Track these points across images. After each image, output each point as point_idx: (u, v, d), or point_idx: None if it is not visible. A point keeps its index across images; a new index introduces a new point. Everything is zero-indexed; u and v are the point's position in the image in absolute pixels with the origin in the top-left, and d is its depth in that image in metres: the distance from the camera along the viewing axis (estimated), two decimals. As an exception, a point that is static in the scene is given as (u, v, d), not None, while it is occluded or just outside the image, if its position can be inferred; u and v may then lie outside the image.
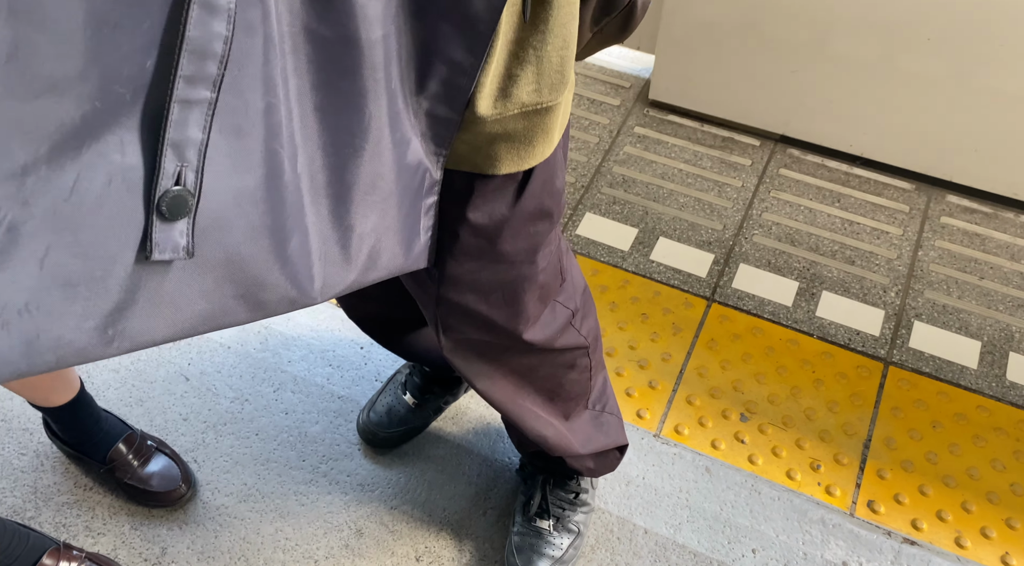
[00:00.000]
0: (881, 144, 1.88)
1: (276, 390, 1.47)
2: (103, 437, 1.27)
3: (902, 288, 1.69)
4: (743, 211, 1.84)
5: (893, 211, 1.84)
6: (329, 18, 0.53)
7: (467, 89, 0.63)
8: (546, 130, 0.73)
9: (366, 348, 1.55)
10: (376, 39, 0.55)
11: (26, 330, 0.48)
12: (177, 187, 0.49)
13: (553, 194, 0.80)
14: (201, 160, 0.49)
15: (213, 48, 0.46)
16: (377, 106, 0.59)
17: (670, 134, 2.02)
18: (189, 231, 0.51)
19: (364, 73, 0.56)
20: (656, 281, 1.70)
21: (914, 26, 1.67)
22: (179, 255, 0.51)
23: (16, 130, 0.42)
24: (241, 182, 0.52)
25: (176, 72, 0.46)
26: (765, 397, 1.50)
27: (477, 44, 0.60)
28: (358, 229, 0.63)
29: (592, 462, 1.17)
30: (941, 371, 1.54)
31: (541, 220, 0.81)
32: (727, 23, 1.84)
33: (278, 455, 1.38)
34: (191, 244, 0.51)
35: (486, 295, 0.84)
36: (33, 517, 1.28)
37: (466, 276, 0.82)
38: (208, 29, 0.46)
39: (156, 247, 0.50)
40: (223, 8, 0.45)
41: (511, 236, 0.79)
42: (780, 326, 1.62)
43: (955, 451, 1.42)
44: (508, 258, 0.82)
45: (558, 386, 1.05)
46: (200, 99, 0.47)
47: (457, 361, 0.95)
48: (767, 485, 1.36)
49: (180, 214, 0.50)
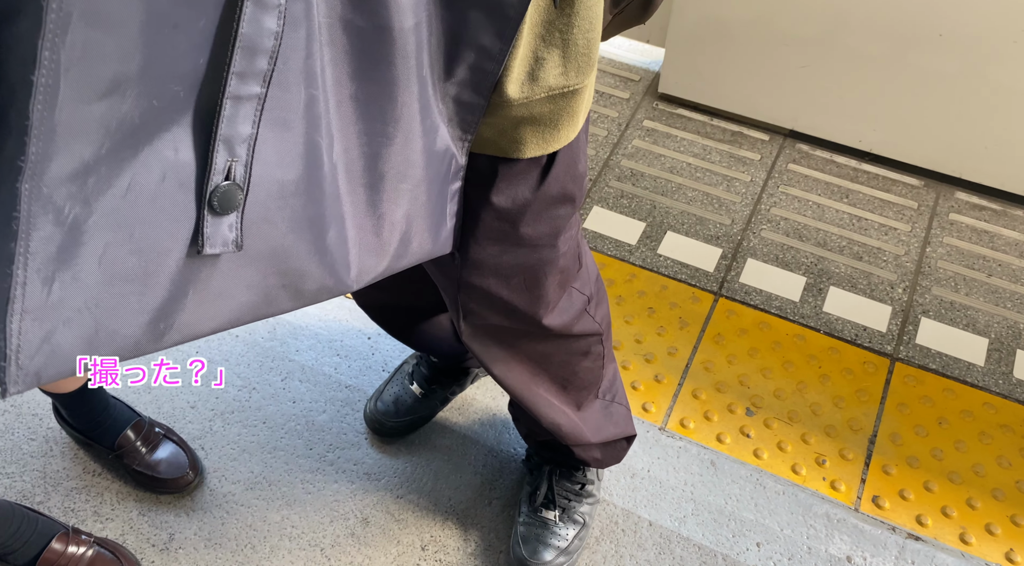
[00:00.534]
0: (890, 140, 1.88)
1: (284, 379, 1.47)
2: (112, 424, 1.28)
3: (910, 284, 1.69)
4: (751, 206, 1.84)
5: (901, 207, 1.84)
6: (364, 8, 0.53)
7: (495, 74, 0.63)
8: (572, 113, 0.73)
9: (373, 338, 1.55)
10: (409, 27, 0.56)
11: (86, 326, 0.49)
12: (227, 182, 0.50)
13: (575, 178, 0.81)
14: (250, 154, 0.50)
15: (264, 44, 0.47)
16: (409, 94, 0.59)
17: (679, 128, 2.02)
18: (238, 225, 0.52)
19: (397, 62, 0.57)
20: (663, 275, 1.70)
21: (925, 22, 1.66)
22: (229, 248, 0.52)
23: (81, 131, 0.43)
24: (285, 174, 0.53)
25: (229, 69, 0.47)
26: (771, 392, 1.50)
27: (506, 29, 0.60)
28: (390, 217, 0.64)
29: (599, 452, 1.18)
30: (948, 368, 1.54)
31: (563, 204, 0.82)
32: (737, 17, 1.84)
33: (285, 443, 1.38)
34: (240, 237, 0.52)
35: (508, 279, 0.85)
36: (42, 502, 1.29)
37: (489, 260, 0.83)
38: (260, 25, 0.46)
39: (207, 241, 0.51)
40: (274, 4, 0.46)
41: (533, 220, 0.80)
42: (787, 321, 1.62)
43: (961, 448, 1.42)
44: (530, 242, 0.82)
45: (572, 374, 1.05)
46: (251, 95, 0.48)
47: (476, 346, 0.96)
48: (772, 479, 1.37)
49: (230, 208, 0.51)
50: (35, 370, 0.49)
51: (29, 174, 0.43)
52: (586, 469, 1.27)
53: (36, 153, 0.43)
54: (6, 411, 1.40)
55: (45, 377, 0.49)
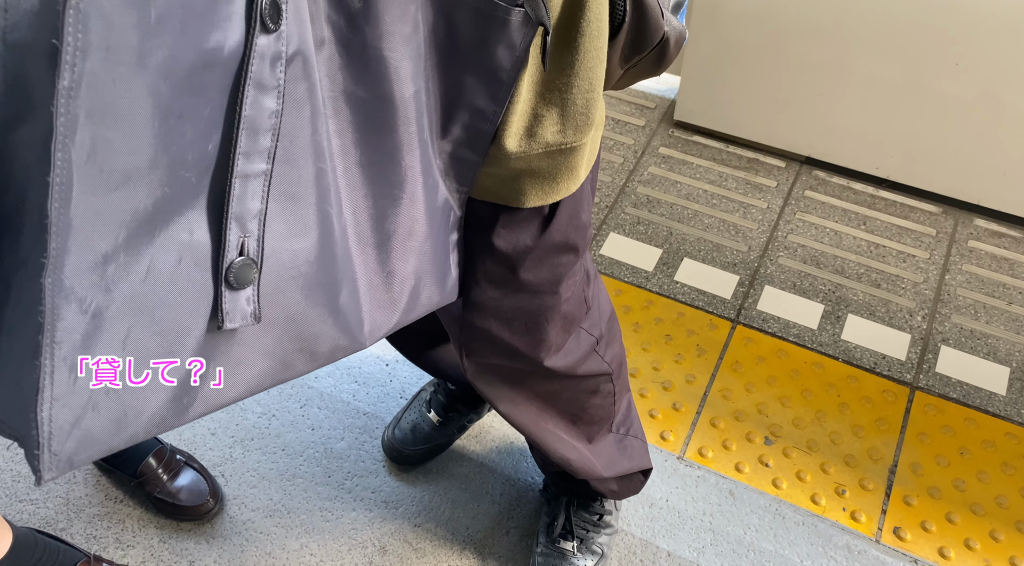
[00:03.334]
0: (908, 167, 1.88)
1: (303, 406, 1.48)
2: (134, 451, 1.29)
3: (929, 312, 1.68)
4: (768, 232, 1.84)
5: (920, 234, 1.83)
6: (366, 81, 0.56)
7: (489, 134, 0.65)
8: (571, 168, 0.74)
9: (391, 365, 1.56)
10: (409, 95, 0.58)
11: (114, 409, 0.51)
12: (241, 258, 0.52)
13: (579, 228, 0.82)
14: (261, 229, 0.52)
15: (266, 123, 0.49)
16: (412, 157, 0.61)
17: (695, 155, 2.03)
18: (255, 297, 0.53)
19: (399, 128, 0.59)
20: (680, 302, 1.70)
21: (942, 51, 1.67)
22: (248, 321, 0.54)
23: (96, 223, 0.45)
24: (297, 244, 0.54)
25: (235, 150, 0.49)
26: (790, 420, 1.50)
27: (500, 92, 0.62)
28: (400, 273, 0.66)
29: (616, 485, 1.18)
30: (969, 397, 1.53)
31: (565, 253, 0.82)
32: (753, 45, 1.85)
33: (304, 471, 1.39)
34: (258, 309, 0.54)
35: (508, 322, 0.86)
36: (65, 528, 1.30)
37: (489, 303, 0.83)
38: (261, 106, 0.48)
39: (227, 316, 0.52)
40: (273, 86, 0.48)
41: (534, 266, 0.81)
42: (805, 349, 1.61)
43: (983, 479, 1.41)
44: (531, 288, 0.83)
45: (581, 410, 1.05)
46: (257, 172, 0.50)
47: (480, 384, 0.96)
48: (791, 509, 1.36)
49: (246, 282, 0.52)
50: (67, 455, 0.50)
51: (51, 269, 0.44)
52: (604, 500, 1.26)
53: (56, 248, 0.44)
54: (30, 437, 1.42)
55: (77, 461, 0.50)
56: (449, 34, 0.59)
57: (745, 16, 1.82)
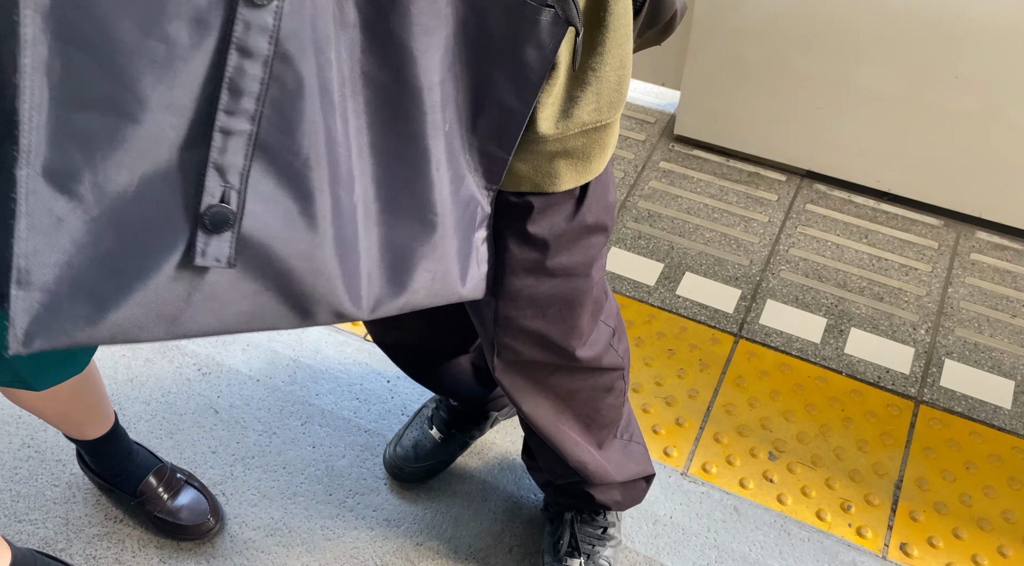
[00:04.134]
0: (909, 180, 1.88)
1: (304, 423, 1.48)
2: (135, 470, 1.29)
3: (932, 326, 1.67)
4: (770, 246, 1.84)
5: (922, 247, 1.83)
6: (388, 65, 0.57)
7: (517, 132, 0.66)
8: (603, 145, 0.75)
9: (392, 382, 1.56)
10: (433, 84, 0.59)
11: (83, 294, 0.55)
12: (221, 204, 0.55)
13: (607, 208, 0.83)
14: (244, 184, 0.55)
15: (250, 87, 0.52)
16: (435, 144, 0.62)
17: (695, 169, 2.03)
18: (232, 244, 0.56)
19: (420, 115, 0.60)
20: (682, 316, 1.70)
21: (942, 64, 1.67)
22: (220, 264, 0.57)
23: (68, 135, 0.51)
24: (288, 207, 0.57)
25: (217, 105, 0.52)
26: (794, 435, 1.49)
27: (528, 92, 0.63)
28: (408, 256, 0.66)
29: (620, 494, 1.17)
30: (974, 411, 1.52)
31: (596, 233, 0.83)
32: (752, 58, 1.86)
33: (305, 489, 1.38)
34: (232, 256, 0.57)
35: (544, 310, 0.86)
36: (64, 549, 1.29)
37: (524, 291, 0.84)
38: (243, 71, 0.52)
39: (199, 254, 0.56)
40: (260, 54, 0.52)
41: (568, 250, 0.82)
42: (808, 363, 1.60)
43: (990, 493, 1.40)
44: (565, 272, 0.84)
45: (595, 411, 1.05)
46: (240, 130, 0.53)
47: (506, 382, 0.96)
48: (797, 525, 1.34)
49: (222, 227, 0.55)
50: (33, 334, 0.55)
51: (23, 162, 0.50)
52: (607, 512, 1.25)
53: (27, 145, 0.50)
54: (30, 457, 1.41)
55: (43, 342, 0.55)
56: (480, 30, 0.60)
57: (745, 30, 1.82)
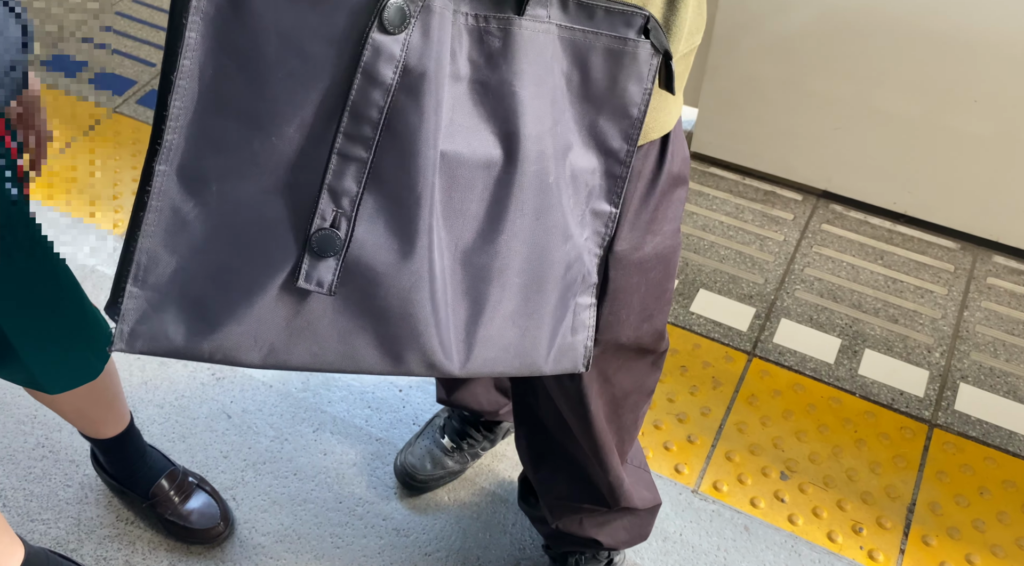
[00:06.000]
0: (926, 202, 1.87)
1: (315, 430, 1.48)
2: (147, 472, 1.29)
3: (947, 349, 1.66)
4: (785, 265, 1.84)
5: (938, 270, 1.82)
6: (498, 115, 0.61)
7: (623, 178, 0.68)
8: (682, 80, 0.77)
9: (404, 391, 1.56)
10: (536, 134, 0.62)
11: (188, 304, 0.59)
12: (329, 228, 0.57)
13: (685, 160, 0.84)
14: (355, 210, 0.57)
15: (370, 114, 0.55)
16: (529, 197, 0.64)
17: (712, 186, 2.03)
18: (336, 271, 0.58)
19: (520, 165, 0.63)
20: (696, 333, 1.69)
21: (961, 87, 1.67)
22: (322, 290, 0.58)
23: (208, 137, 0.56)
24: (392, 244, 0.58)
25: (338, 129, 0.55)
26: (806, 455, 1.48)
27: (632, 129, 0.66)
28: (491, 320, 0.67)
29: (626, 533, 1.14)
30: (989, 436, 1.51)
31: (680, 185, 0.84)
32: (771, 78, 1.86)
33: (315, 496, 1.39)
34: (335, 283, 0.58)
35: (647, 273, 0.85)
36: (75, 549, 1.30)
37: (633, 255, 0.82)
38: (368, 96, 0.54)
39: (303, 276, 0.58)
40: (383, 83, 0.54)
41: (663, 203, 0.82)
42: (822, 383, 1.60)
43: (1004, 519, 1.39)
44: (661, 227, 0.83)
45: (632, 424, 1.02)
46: (357, 156, 0.56)
47: (584, 376, 0.91)
48: (807, 546, 1.34)
49: (328, 252, 0.57)
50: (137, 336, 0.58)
51: (163, 157, 0.55)
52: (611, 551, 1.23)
53: (169, 142, 0.54)
54: (44, 457, 1.42)
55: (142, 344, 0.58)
56: (583, 80, 0.63)
57: (764, 49, 1.83)
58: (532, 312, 0.68)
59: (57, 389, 1.02)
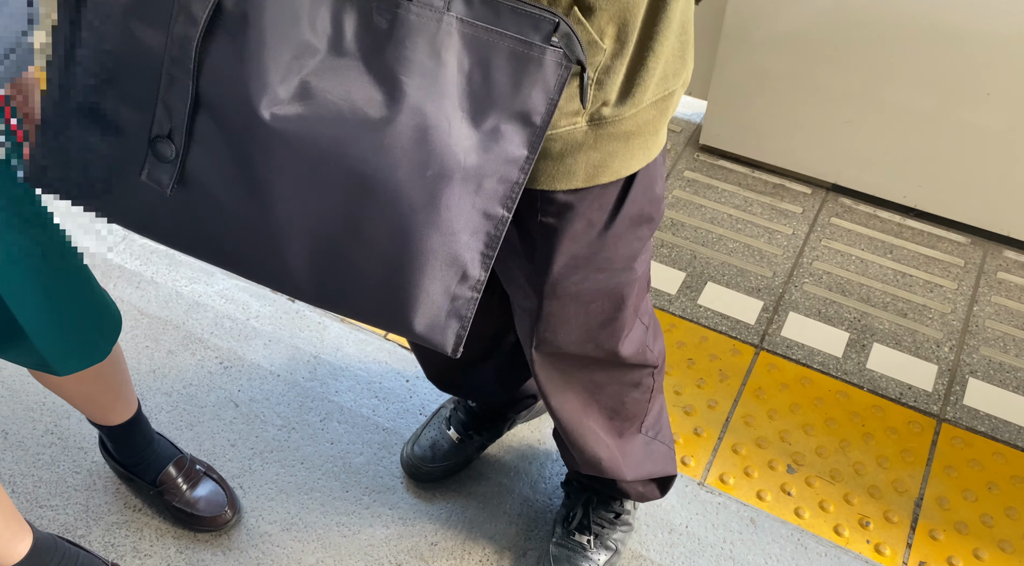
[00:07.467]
0: (936, 196, 1.86)
1: (323, 420, 1.48)
2: (155, 459, 1.30)
3: (956, 343, 1.66)
4: (793, 259, 1.83)
5: (947, 264, 1.81)
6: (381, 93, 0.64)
7: (520, 185, 0.66)
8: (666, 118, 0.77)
9: (411, 381, 1.56)
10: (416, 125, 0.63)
11: None
12: (166, 137, 0.63)
13: (653, 200, 0.83)
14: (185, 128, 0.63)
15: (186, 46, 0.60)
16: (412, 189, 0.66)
17: (720, 179, 2.03)
18: (172, 176, 0.65)
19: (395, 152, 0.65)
20: (703, 326, 1.69)
21: (973, 81, 1.66)
22: (162, 188, 0.65)
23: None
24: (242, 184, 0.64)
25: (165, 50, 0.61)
26: (813, 449, 1.47)
27: (533, 138, 0.64)
28: None
29: (641, 486, 1.18)
30: (997, 431, 1.50)
31: (643, 225, 0.83)
32: (781, 71, 1.85)
33: (322, 485, 1.39)
34: (172, 186, 0.65)
35: (587, 305, 0.86)
36: (83, 535, 1.31)
37: (570, 288, 0.83)
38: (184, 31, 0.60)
39: (145, 172, 0.65)
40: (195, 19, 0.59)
41: (614, 243, 0.81)
42: (829, 377, 1.59)
43: (1012, 515, 1.38)
44: (611, 265, 0.83)
45: (620, 404, 1.05)
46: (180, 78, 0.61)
47: (541, 376, 0.96)
48: (814, 540, 1.33)
49: (163, 157, 0.64)
50: None
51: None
52: (624, 500, 1.26)
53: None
54: (53, 444, 1.42)
55: None
56: (484, 80, 0.60)
57: (774, 42, 1.82)
58: (396, 288, 0.67)
59: (65, 370, 1.02)
